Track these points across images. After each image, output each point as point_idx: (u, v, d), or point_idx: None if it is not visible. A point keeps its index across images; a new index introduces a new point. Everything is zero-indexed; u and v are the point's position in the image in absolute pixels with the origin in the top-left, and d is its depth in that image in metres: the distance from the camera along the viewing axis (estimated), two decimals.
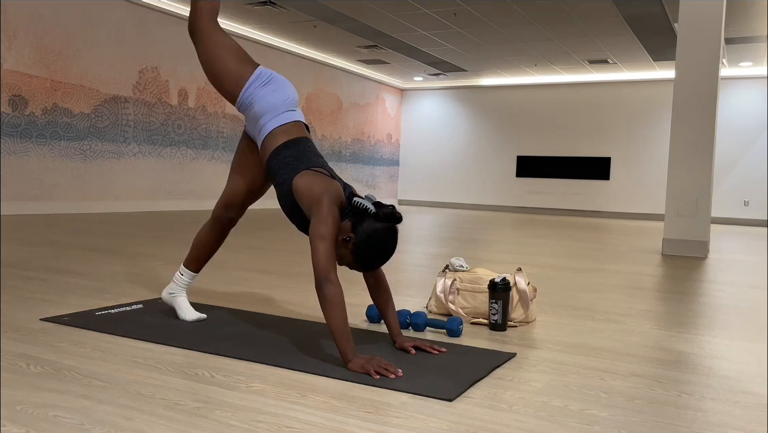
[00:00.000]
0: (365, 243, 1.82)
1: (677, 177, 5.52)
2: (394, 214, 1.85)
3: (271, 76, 2.06)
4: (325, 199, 1.82)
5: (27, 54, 7.10)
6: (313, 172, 1.91)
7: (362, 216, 1.84)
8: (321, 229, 1.78)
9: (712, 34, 5.40)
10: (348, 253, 1.85)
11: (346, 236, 1.84)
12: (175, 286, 2.28)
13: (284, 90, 2.06)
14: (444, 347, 1.96)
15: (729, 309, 2.93)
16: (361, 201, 1.85)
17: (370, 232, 1.82)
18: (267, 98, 2.02)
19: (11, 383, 1.51)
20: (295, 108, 2.08)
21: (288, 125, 2.02)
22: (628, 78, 12.62)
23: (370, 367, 1.66)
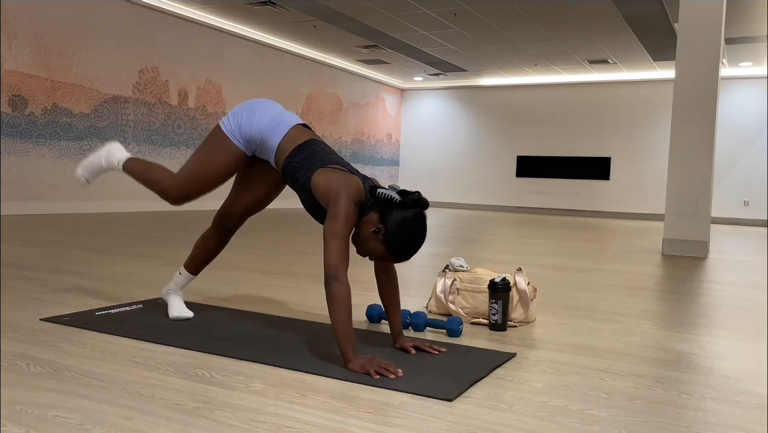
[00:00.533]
0: (396, 232, 1.80)
1: (677, 177, 5.52)
2: (421, 199, 1.83)
3: (244, 106, 2.06)
4: (342, 194, 1.80)
5: (27, 54, 7.11)
6: (329, 168, 1.89)
7: (389, 206, 1.82)
8: (334, 226, 1.77)
9: (712, 34, 5.40)
10: (379, 245, 1.83)
11: (374, 228, 1.82)
12: (172, 284, 2.32)
13: (266, 107, 2.05)
14: (444, 347, 1.96)
15: (729, 309, 2.93)
16: (385, 192, 1.83)
17: (399, 220, 1.80)
18: (258, 122, 2.01)
19: (11, 383, 1.51)
20: (288, 113, 2.06)
21: (291, 132, 2.00)
22: (628, 78, 12.62)
23: (370, 367, 1.66)
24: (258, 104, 2.05)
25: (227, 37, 9.82)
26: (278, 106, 2.07)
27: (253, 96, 10.46)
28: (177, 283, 2.31)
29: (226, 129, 2.04)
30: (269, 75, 10.78)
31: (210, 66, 9.57)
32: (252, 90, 10.42)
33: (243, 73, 10.21)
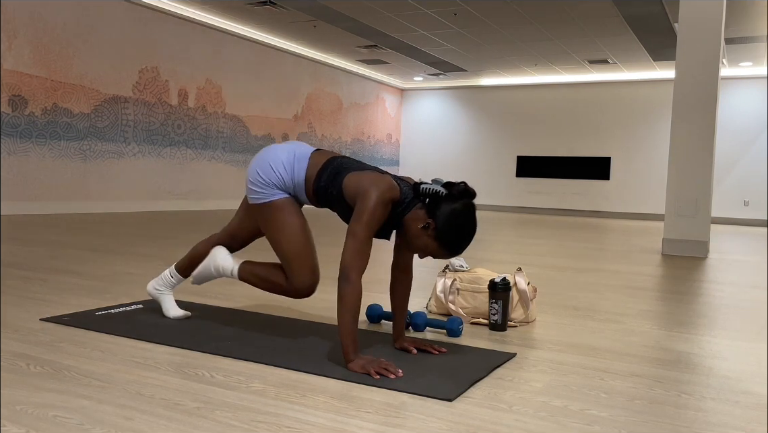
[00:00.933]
0: (447, 226, 1.76)
1: (677, 177, 5.52)
2: (468, 189, 1.79)
3: (257, 168, 1.97)
4: (372, 192, 1.75)
5: (27, 54, 7.11)
6: (359, 171, 1.86)
7: (435, 200, 1.79)
8: (356, 226, 1.74)
9: (712, 34, 5.40)
10: (430, 240, 1.79)
11: (423, 224, 1.79)
12: (163, 284, 2.30)
13: (276, 154, 1.97)
14: (444, 347, 1.96)
15: (729, 309, 2.93)
16: (428, 186, 1.80)
17: (449, 213, 1.76)
18: (280, 172, 1.94)
19: (11, 383, 1.51)
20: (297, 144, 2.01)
21: (311, 161, 1.94)
22: (628, 78, 12.62)
23: (370, 367, 1.66)
24: (269, 156, 1.96)
25: (227, 37, 9.82)
26: (283, 147, 2.00)
27: (253, 95, 10.47)
28: (167, 284, 2.29)
29: (263, 198, 1.96)
30: (269, 75, 10.78)
31: (210, 66, 9.57)
32: (252, 90, 10.42)
33: (243, 73, 10.21)
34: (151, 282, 2.33)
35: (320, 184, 1.91)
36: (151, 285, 2.32)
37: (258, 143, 10.64)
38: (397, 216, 1.84)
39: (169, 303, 2.28)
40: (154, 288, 2.30)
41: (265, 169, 1.94)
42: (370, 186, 1.77)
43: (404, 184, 1.87)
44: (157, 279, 2.32)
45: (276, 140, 11.05)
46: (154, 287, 2.31)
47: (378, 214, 1.75)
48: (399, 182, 1.85)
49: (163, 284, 2.30)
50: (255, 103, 10.55)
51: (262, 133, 10.74)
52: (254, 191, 1.96)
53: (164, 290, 2.30)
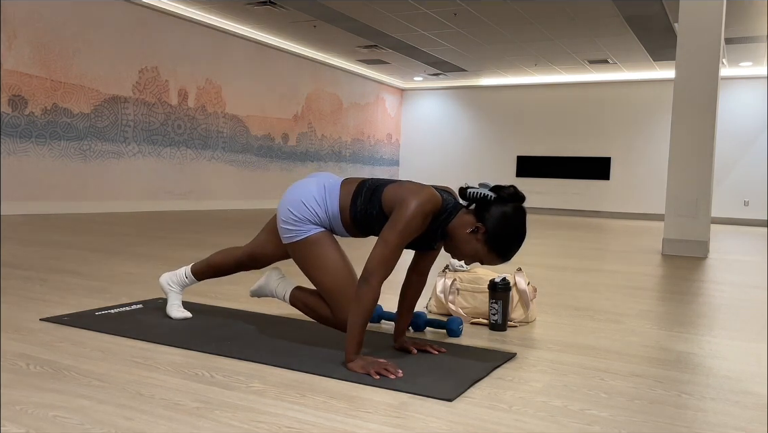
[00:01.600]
0: (498, 230, 1.73)
1: (677, 177, 5.52)
2: (518, 193, 1.76)
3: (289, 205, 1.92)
4: (412, 202, 1.71)
5: (27, 54, 7.10)
6: (401, 183, 1.83)
7: (484, 204, 1.76)
8: (389, 234, 1.70)
9: (712, 34, 5.40)
10: (480, 245, 1.75)
11: (472, 228, 1.75)
12: (176, 282, 2.29)
13: (307, 188, 1.93)
14: (444, 347, 1.96)
15: (729, 309, 2.93)
16: (476, 190, 1.76)
17: (499, 216, 1.73)
18: (313, 207, 1.90)
19: (11, 383, 1.51)
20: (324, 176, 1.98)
21: (342, 190, 1.90)
22: (628, 78, 12.62)
23: (370, 368, 1.66)
24: (299, 193, 1.92)
25: (227, 37, 9.82)
26: (311, 181, 1.94)
27: (253, 95, 10.47)
28: (180, 282, 2.29)
29: (297, 235, 1.91)
30: (269, 75, 10.78)
31: (210, 66, 9.57)
32: (252, 90, 10.42)
33: (243, 73, 10.21)
34: (166, 274, 2.32)
35: (357, 209, 1.86)
36: (165, 278, 2.31)
37: (258, 143, 10.64)
38: (440, 225, 1.81)
39: (174, 300, 2.28)
40: (167, 283, 2.30)
41: (297, 206, 1.89)
42: (411, 195, 1.73)
43: (445, 193, 1.84)
44: (171, 274, 2.31)
45: (276, 140, 11.06)
46: (167, 282, 2.30)
47: (415, 224, 1.71)
48: (441, 192, 1.82)
49: (176, 282, 2.29)
50: (255, 103, 10.54)
51: (262, 133, 10.74)
52: (288, 229, 1.91)
53: (175, 287, 2.29)
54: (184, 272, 2.29)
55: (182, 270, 2.30)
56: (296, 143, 11.58)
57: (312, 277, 1.92)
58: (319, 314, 1.97)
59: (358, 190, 1.88)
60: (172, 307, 2.27)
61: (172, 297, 2.29)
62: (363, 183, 1.90)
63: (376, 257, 1.69)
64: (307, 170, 11.91)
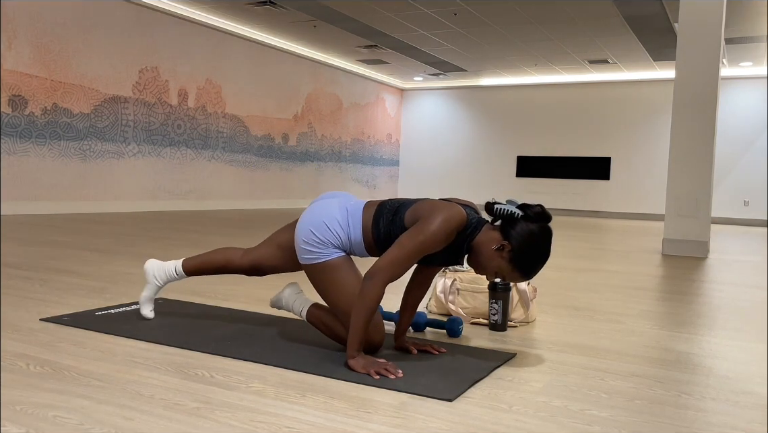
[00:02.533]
0: (523, 248, 1.73)
1: (677, 177, 5.52)
2: (545, 212, 1.77)
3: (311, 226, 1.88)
4: (438, 217, 1.70)
5: (27, 54, 7.11)
6: (424, 202, 1.82)
7: (511, 221, 1.76)
8: (408, 241, 1.69)
9: (712, 34, 5.40)
10: (505, 263, 1.76)
11: (497, 245, 1.76)
12: (162, 275, 2.19)
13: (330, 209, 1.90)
14: (444, 347, 1.96)
15: (729, 309, 2.93)
16: (504, 207, 1.77)
17: (526, 235, 1.74)
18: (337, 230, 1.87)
19: (11, 383, 1.51)
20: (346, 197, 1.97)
21: (365, 213, 1.89)
22: (628, 78, 12.62)
23: (371, 368, 1.66)
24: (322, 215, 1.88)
25: (227, 37, 9.82)
26: (334, 203, 1.92)
27: (253, 95, 10.47)
28: (168, 276, 2.19)
29: (318, 257, 1.87)
30: (269, 75, 10.78)
31: (210, 66, 9.57)
32: (252, 90, 10.42)
33: (243, 73, 10.21)
34: (154, 263, 2.21)
35: (380, 231, 1.85)
36: (151, 267, 2.20)
37: (258, 143, 10.64)
38: (466, 240, 1.80)
39: (150, 294, 2.20)
40: (153, 274, 2.19)
41: (320, 228, 1.86)
42: (437, 210, 1.73)
43: (468, 209, 1.84)
44: (159, 265, 2.21)
45: (276, 140, 11.06)
46: (153, 273, 2.19)
47: (437, 238, 1.70)
48: (465, 208, 1.82)
49: (162, 276, 2.19)
50: (255, 103, 10.54)
51: (262, 133, 10.74)
52: (309, 251, 1.87)
53: (160, 281, 2.20)
54: (174, 267, 2.19)
55: (172, 265, 2.19)
56: (296, 143, 11.59)
57: (328, 299, 1.89)
58: (336, 333, 1.95)
59: (378, 213, 1.87)
60: (144, 299, 2.20)
61: (150, 289, 2.20)
62: (383, 204, 1.89)
63: (389, 258, 1.69)
64: (307, 170, 11.91)
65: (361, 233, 1.87)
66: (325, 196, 1.97)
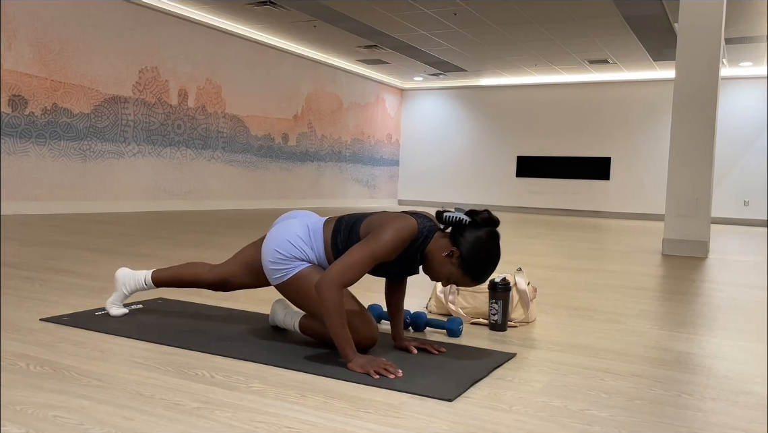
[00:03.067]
0: (471, 253, 1.76)
1: (677, 177, 5.52)
2: (492, 218, 1.80)
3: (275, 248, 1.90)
4: (390, 227, 1.74)
5: (27, 54, 7.11)
6: (377, 214, 1.86)
7: (459, 228, 1.79)
8: (358, 249, 1.72)
9: (712, 34, 5.40)
10: (454, 268, 1.79)
11: (447, 252, 1.78)
12: (132, 285, 2.22)
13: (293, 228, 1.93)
14: (444, 347, 1.96)
15: (729, 309, 2.93)
16: (452, 214, 1.80)
17: (473, 241, 1.76)
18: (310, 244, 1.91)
19: (11, 383, 1.51)
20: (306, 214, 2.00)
21: (325, 229, 1.93)
22: (628, 78, 12.62)
23: (370, 367, 1.66)
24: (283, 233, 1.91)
25: (227, 37, 9.82)
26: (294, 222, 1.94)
27: (253, 95, 10.47)
28: (136, 288, 2.22)
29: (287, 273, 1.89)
30: (269, 75, 10.78)
31: (210, 66, 9.57)
32: (252, 90, 10.42)
33: (243, 73, 10.21)
34: (125, 272, 2.23)
35: (338, 247, 1.88)
36: (122, 276, 2.22)
37: (258, 143, 10.65)
38: (418, 250, 1.83)
39: (115, 299, 2.22)
40: (123, 283, 2.22)
41: (284, 246, 1.89)
42: (389, 222, 1.77)
43: (421, 218, 1.86)
44: (130, 274, 2.22)
45: (276, 140, 11.06)
46: (123, 281, 2.22)
47: (387, 249, 1.73)
48: (417, 218, 1.84)
49: (131, 285, 2.22)
50: (255, 103, 10.55)
51: (262, 133, 10.74)
52: (276, 270, 1.89)
53: (127, 290, 2.23)
54: (144, 278, 2.22)
55: (141, 275, 2.22)
56: (296, 143, 11.59)
57: (307, 309, 1.92)
58: (330, 338, 1.96)
59: (336, 228, 1.91)
60: (112, 307, 2.22)
61: (116, 297, 2.22)
62: (340, 220, 1.92)
63: (338, 264, 1.71)
64: (307, 170, 11.91)
65: (324, 249, 1.91)
66: (285, 217, 2.01)
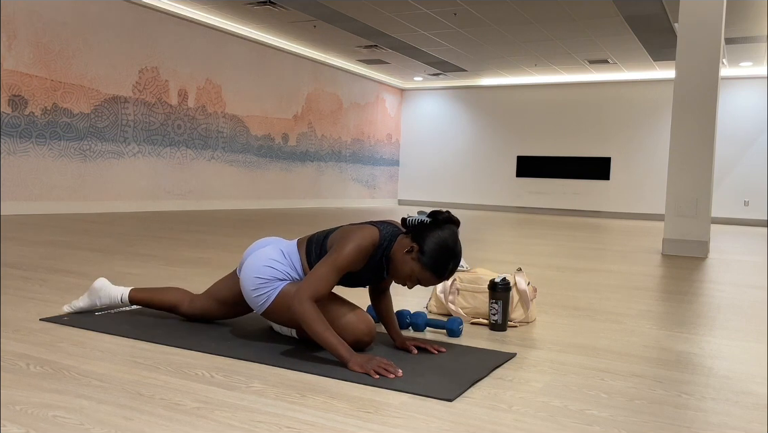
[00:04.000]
0: (431, 248, 1.79)
1: (677, 177, 5.52)
2: (452, 217, 1.85)
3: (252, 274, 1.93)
4: (350, 239, 1.80)
5: (27, 54, 7.10)
6: (342, 228, 1.91)
7: (420, 229, 1.83)
8: (321, 264, 1.78)
9: (712, 34, 5.40)
10: (416, 264, 1.81)
11: (408, 248, 1.81)
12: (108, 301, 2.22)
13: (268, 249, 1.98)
14: (444, 347, 1.96)
15: (729, 309, 2.93)
16: (413, 217, 1.86)
17: (433, 236, 1.80)
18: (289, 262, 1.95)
19: (11, 383, 1.51)
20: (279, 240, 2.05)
21: (299, 249, 1.98)
22: (628, 78, 12.62)
23: (369, 367, 1.66)
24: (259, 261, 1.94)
25: (227, 37, 9.82)
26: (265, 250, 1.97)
27: (253, 95, 10.47)
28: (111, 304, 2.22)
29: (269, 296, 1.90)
30: (269, 75, 10.78)
31: (210, 66, 9.57)
32: (252, 90, 10.42)
33: (243, 73, 10.21)
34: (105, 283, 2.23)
35: (313, 256, 1.94)
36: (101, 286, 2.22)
37: (258, 143, 10.64)
38: (383, 255, 1.88)
39: (84, 305, 2.22)
40: (99, 295, 2.22)
41: (264, 271, 1.91)
42: (349, 233, 1.83)
43: (384, 225, 1.90)
44: (108, 288, 2.23)
45: (276, 140, 11.06)
46: (99, 293, 2.22)
47: (352, 257, 1.79)
48: (378, 225, 1.89)
49: (107, 298, 2.22)
50: (255, 103, 10.55)
51: (262, 133, 10.74)
52: (260, 296, 1.91)
53: (100, 301, 2.22)
54: (120, 295, 2.22)
55: (119, 292, 2.22)
56: (296, 143, 11.59)
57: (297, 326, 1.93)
58: None
59: (309, 248, 1.96)
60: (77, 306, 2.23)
61: (85, 303, 2.22)
62: (311, 240, 1.97)
63: (308, 278, 1.76)
64: (307, 170, 11.91)
65: (302, 267, 1.96)
66: (254, 248, 2.03)
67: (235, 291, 2.08)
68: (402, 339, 1.95)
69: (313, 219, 8.30)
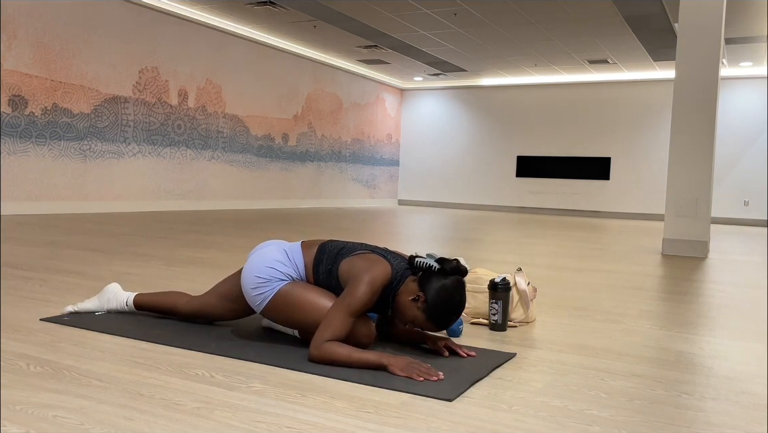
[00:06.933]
0: (436, 300, 1.80)
1: (677, 177, 5.52)
2: (460, 267, 1.85)
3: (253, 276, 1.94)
4: (365, 278, 1.80)
5: (27, 54, 7.10)
6: (353, 256, 1.91)
7: (428, 274, 1.83)
8: (340, 307, 1.77)
9: (712, 34, 5.40)
10: (419, 313, 1.82)
11: (414, 296, 1.82)
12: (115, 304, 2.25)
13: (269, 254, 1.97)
14: (473, 351, 1.95)
15: (729, 309, 2.93)
16: (423, 260, 1.85)
17: (439, 288, 1.80)
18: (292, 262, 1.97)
19: (11, 383, 1.51)
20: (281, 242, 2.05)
21: (303, 249, 1.99)
22: (628, 78, 12.62)
23: (413, 371, 1.65)
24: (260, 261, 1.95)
25: (227, 37, 9.82)
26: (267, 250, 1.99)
27: (253, 95, 10.47)
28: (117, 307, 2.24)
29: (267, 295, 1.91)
30: (269, 75, 10.78)
31: (210, 66, 9.57)
32: (252, 90, 10.42)
33: (243, 73, 10.21)
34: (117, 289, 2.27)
35: (319, 277, 1.95)
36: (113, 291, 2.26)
37: (258, 143, 10.64)
38: (392, 292, 1.89)
39: (91, 306, 2.24)
40: (108, 298, 2.25)
41: (264, 271, 1.92)
42: (363, 272, 1.82)
43: (397, 260, 1.91)
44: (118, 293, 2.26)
45: (276, 140, 11.06)
46: (108, 297, 2.25)
47: (366, 299, 1.79)
48: (391, 259, 1.89)
49: (114, 303, 2.24)
50: (255, 103, 10.55)
51: (262, 133, 10.74)
52: (258, 295, 1.92)
53: (108, 305, 2.25)
54: (126, 299, 2.25)
55: (125, 297, 2.25)
56: (296, 143, 11.59)
57: (296, 324, 1.93)
58: None
59: (318, 257, 1.96)
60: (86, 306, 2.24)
61: (94, 305, 2.25)
62: (323, 248, 1.97)
63: (330, 325, 1.76)
64: (307, 170, 11.91)
65: (305, 271, 1.96)
66: (259, 248, 2.04)
67: (236, 287, 2.08)
68: (434, 340, 1.94)
69: (313, 219, 8.30)
